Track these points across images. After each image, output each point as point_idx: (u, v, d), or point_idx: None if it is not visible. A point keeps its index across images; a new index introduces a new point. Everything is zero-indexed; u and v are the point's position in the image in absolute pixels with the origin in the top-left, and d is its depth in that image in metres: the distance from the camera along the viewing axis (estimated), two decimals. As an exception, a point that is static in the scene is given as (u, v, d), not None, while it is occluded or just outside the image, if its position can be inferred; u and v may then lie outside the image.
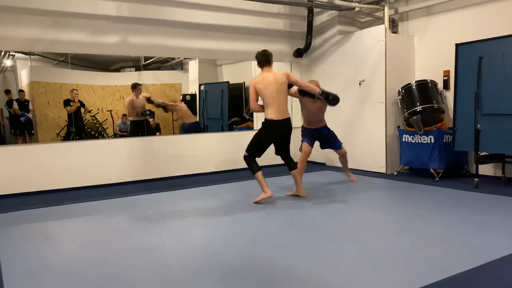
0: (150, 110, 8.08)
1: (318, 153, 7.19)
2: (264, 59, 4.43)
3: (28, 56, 8.67)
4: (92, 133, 9.10)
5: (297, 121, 5.87)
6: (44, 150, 5.45)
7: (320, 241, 3.23)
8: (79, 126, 8.78)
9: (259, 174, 4.48)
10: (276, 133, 4.48)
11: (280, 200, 4.62)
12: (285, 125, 4.46)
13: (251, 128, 8.52)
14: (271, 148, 4.73)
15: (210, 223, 3.85)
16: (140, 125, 7.61)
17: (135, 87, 7.48)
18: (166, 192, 5.14)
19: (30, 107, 7.75)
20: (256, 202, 4.44)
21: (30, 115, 7.67)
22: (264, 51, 4.47)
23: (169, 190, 5.17)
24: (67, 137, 8.51)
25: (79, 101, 8.87)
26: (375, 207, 4.35)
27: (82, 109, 8.90)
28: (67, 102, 8.69)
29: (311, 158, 7.40)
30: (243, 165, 4.49)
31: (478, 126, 4.91)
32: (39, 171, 5.21)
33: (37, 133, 7.82)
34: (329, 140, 5.30)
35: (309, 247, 3.10)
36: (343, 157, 5.42)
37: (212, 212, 4.25)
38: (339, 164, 6.78)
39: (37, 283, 2.56)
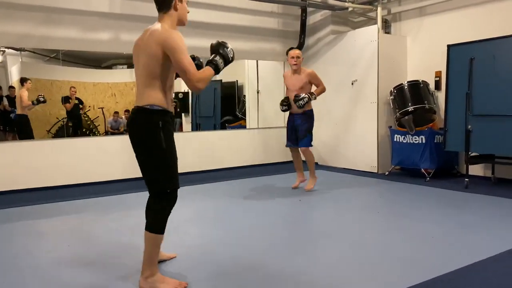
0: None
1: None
2: None
3: (19, 52, 8.59)
4: (83, 130, 9.04)
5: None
6: (34, 147, 5.39)
7: (312, 240, 3.24)
8: (76, 123, 8.70)
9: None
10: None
11: (271, 200, 4.63)
12: None
13: (244, 127, 8.52)
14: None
15: (202, 222, 3.84)
16: None
17: None
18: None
19: (21, 103, 7.65)
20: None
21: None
22: None
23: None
24: (64, 133, 8.45)
25: (77, 98, 8.78)
26: (366, 207, 4.37)
27: (80, 106, 8.81)
28: (66, 99, 8.60)
29: (302, 157, 7.39)
30: (234, 163, 4.50)
31: (469, 126, 4.95)
32: (28, 169, 5.15)
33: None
34: (298, 133, 4.91)
35: (301, 246, 3.11)
36: (305, 158, 4.98)
37: (204, 211, 4.25)
38: (331, 163, 6.82)
39: (24, 281, 2.54)
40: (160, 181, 2.34)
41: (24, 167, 5.13)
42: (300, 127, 4.91)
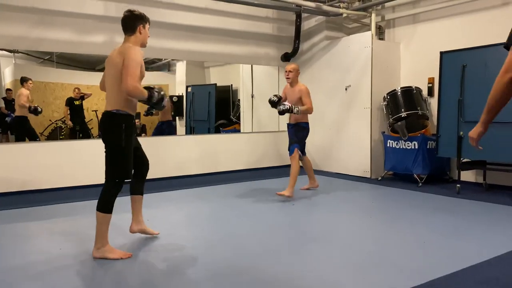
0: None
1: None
2: None
3: (13, 54, 8.53)
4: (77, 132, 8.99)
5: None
6: (27, 149, 5.36)
7: (304, 244, 3.25)
8: (81, 123, 8.55)
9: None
10: None
11: (265, 204, 4.63)
12: None
13: (238, 131, 8.53)
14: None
15: (194, 225, 3.83)
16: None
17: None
18: (149, 194, 5.09)
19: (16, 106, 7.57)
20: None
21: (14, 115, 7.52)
22: None
23: (153, 192, 5.13)
24: (57, 136, 8.35)
25: (82, 96, 8.61)
26: (359, 211, 4.39)
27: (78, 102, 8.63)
28: (70, 101, 8.41)
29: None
30: (228, 167, 4.50)
31: (461, 133, 4.99)
32: (22, 171, 5.12)
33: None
34: (290, 139, 5.05)
35: (293, 250, 3.11)
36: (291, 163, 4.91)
37: (197, 214, 4.24)
38: (324, 168, 6.84)
39: (14, 283, 2.52)
40: (113, 171, 2.94)
41: (19, 169, 5.10)
42: (291, 136, 5.06)
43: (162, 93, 3.00)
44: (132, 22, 2.96)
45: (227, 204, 4.66)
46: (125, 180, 2.96)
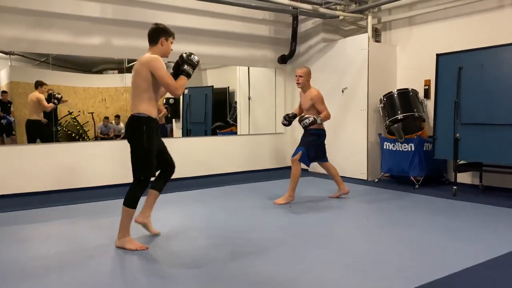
0: None
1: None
2: None
3: (8, 55, 8.49)
4: (73, 135, 8.95)
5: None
6: (23, 152, 5.34)
7: (301, 247, 3.24)
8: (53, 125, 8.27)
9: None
10: None
11: (261, 207, 4.62)
12: None
13: (235, 133, 8.52)
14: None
15: (192, 228, 3.82)
16: None
17: None
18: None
19: (12, 109, 7.51)
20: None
21: (11, 117, 7.46)
22: None
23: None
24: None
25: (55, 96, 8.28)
26: (356, 213, 4.39)
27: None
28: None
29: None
30: (225, 169, 4.50)
31: (457, 135, 5.01)
32: (17, 173, 5.10)
33: (18, 135, 7.63)
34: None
35: (291, 253, 3.10)
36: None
37: (194, 217, 4.22)
38: (322, 170, 6.83)
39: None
40: (137, 170, 3.18)
41: (14, 172, 5.08)
42: (301, 139, 4.83)
43: (189, 54, 3.20)
44: (155, 35, 3.20)
45: (223, 206, 4.65)
46: (151, 178, 3.24)
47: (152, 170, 3.22)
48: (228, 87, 9.16)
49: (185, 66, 3.17)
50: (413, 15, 6.24)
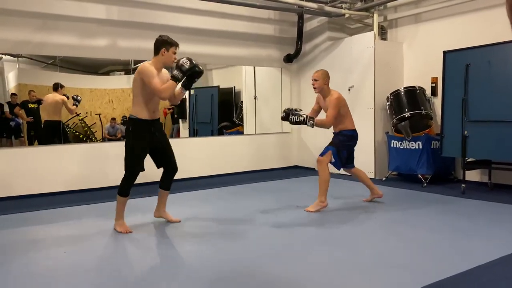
0: None
1: (307, 158, 7.22)
2: None
3: (16, 58, 8.55)
4: (81, 136, 9.01)
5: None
6: (31, 153, 5.38)
7: (308, 246, 3.24)
8: (36, 128, 8.17)
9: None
10: None
11: (268, 206, 4.62)
12: None
13: (241, 133, 8.53)
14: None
15: (198, 227, 3.83)
16: None
17: None
18: (153, 197, 5.10)
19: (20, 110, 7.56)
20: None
21: (20, 119, 7.52)
22: None
23: (157, 195, 5.13)
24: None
25: (39, 100, 8.22)
26: (363, 212, 4.36)
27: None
28: (24, 104, 7.98)
29: (298, 163, 7.45)
30: (231, 169, 4.51)
31: (465, 132, 4.97)
32: (25, 175, 5.14)
33: (26, 137, 7.68)
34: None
35: (298, 252, 3.10)
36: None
37: (201, 217, 4.23)
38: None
39: (22, 289, 2.52)
40: (125, 165, 3.59)
41: (23, 173, 5.12)
42: (332, 139, 4.51)
43: (183, 59, 3.40)
44: (158, 45, 3.52)
45: (230, 206, 4.65)
46: (138, 172, 3.59)
47: (137, 165, 3.57)
48: (234, 87, 9.18)
49: (175, 71, 3.43)
50: (419, 12, 6.19)
